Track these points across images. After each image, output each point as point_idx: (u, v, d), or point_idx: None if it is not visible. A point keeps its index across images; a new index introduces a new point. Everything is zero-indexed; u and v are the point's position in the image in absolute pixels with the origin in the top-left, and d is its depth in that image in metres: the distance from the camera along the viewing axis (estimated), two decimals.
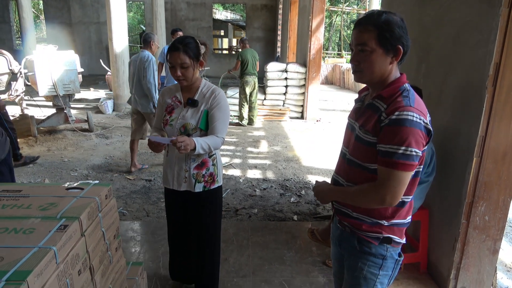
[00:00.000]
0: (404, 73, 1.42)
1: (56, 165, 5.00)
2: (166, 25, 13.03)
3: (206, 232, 2.26)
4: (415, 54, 2.92)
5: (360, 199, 1.40)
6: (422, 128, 1.27)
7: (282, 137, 6.72)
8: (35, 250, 1.08)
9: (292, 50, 11.06)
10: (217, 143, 2.06)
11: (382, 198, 1.31)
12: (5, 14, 15.71)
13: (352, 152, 1.47)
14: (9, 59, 7.03)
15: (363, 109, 1.47)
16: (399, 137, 1.26)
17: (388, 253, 1.46)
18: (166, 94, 2.17)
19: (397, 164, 1.27)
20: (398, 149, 1.27)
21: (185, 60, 1.98)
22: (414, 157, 1.27)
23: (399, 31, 1.32)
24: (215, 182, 2.20)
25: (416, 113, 1.27)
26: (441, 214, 2.56)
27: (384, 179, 1.31)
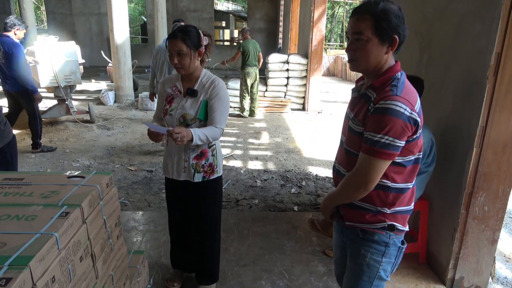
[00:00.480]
0: (398, 61, 1.42)
1: (58, 156, 5.02)
2: (168, 16, 12.95)
3: (206, 222, 2.28)
4: (417, 45, 2.91)
5: (344, 191, 1.43)
6: (406, 119, 1.27)
7: (283, 128, 6.73)
8: (37, 236, 1.10)
9: (294, 41, 10.99)
10: (216, 134, 2.04)
11: (358, 183, 1.36)
12: (5, 5, 15.64)
13: (347, 142, 1.49)
14: None
15: (357, 99, 1.48)
16: (379, 125, 1.27)
17: (391, 240, 1.47)
18: (167, 84, 2.17)
19: (373, 151, 1.30)
20: (374, 136, 1.29)
21: (182, 48, 1.97)
22: (391, 147, 1.28)
23: (396, 20, 1.31)
24: (215, 172, 2.20)
25: (401, 102, 1.27)
26: (440, 204, 2.57)
27: (360, 164, 1.35)
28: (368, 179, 1.33)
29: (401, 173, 1.40)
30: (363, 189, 1.36)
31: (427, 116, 2.66)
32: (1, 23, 14.30)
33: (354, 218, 1.51)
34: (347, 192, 1.43)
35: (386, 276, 1.53)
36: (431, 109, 2.68)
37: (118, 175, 4.37)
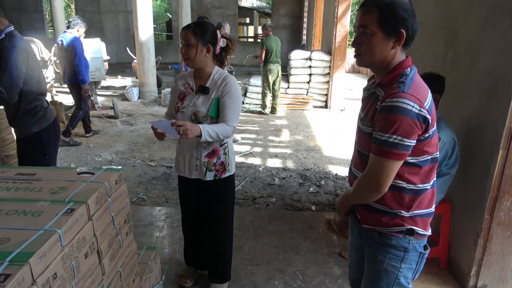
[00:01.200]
0: (409, 56, 1.35)
1: (82, 150, 5.15)
2: (192, 13, 13.05)
3: (217, 220, 2.26)
4: (443, 40, 2.78)
5: (357, 193, 1.39)
6: (414, 116, 1.21)
7: (304, 126, 6.65)
8: (40, 232, 1.10)
9: (318, 37, 10.84)
10: (227, 131, 1.99)
11: (369, 185, 1.31)
12: (38, 4, 16.19)
13: (359, 143, 1.45)
14: (40, 47, 7.27)
15: (368, 98, 1.43)
16: (387, 124, 1.22)
17: (410, 246, 1.40)
18: (179, 81, 2.16)
19: (382, 152, 1.24)
20: (382, 136, 1.23)
21: (190, 38, 1.96)
22: (400, 146, 1.22)
23: (403, 13, 1.25)
24: (226, 171, 2.17)
25: (410, 99, 1.21)
26: (463, 208, 2.46)
27: (370, 165, 1.30)
28: (379, 181, 1.28)
29: (416, 174, 1.34)
30: (375, 191, 1.31)
31: (450, 115, 2.55)
32: (34, 21, 14.78)
33: (371, 220, 1.45)
34: (360, 194, 1.39)
35: (407, 283, 1.45)
36: (454, 107, 2.56)
37: (138, 170, 4.44)
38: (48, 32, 16.43)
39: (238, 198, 3.74)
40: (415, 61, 1.40)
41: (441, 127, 2.31)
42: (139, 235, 3.01)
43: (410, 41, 1.31)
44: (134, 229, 3.08)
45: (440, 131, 2.28)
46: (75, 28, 5.38)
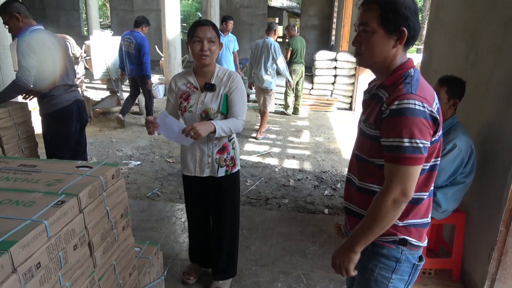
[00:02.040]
0: (411, 58, 1.30)
1: (105, 144, 5.29)
2: (221, 12, 13.18)
3: (227, 216, 2.28)
4: (464, 42, 2.66)
5: (378, 216, 1.22)
6: (427, 116, 1.16)
7: (326, 128, 6.55)
8: (27, 222, 1.13)
9: (346, 38, 10.64)
10: (238, 125, 2.05)
11: (396, 199, 1.19)
12: (75, 2, 16.83)
13: (358, 147, 1.40)
14: (72, 44, 7.54)
15: (369, 100, 1.37)
16: (401, 129, 1.15)
17: (403, 256, 1.34)
18: (179, 81, 2.13)
19: (403, 159, 1.17)
20: (401, 142, 1.16)
21: (213, 34, 1.98)
22: (420, 149, 1.16)
23: (405, 11, 1.20)
24: (236, 165, 2.23)
25: (419, 100, 1.16)
26: (478, 219, 2.33)
27: (391, 176, 1.20)
28: (405, 190, 1.19)
29: None
30: (404, 202, 1.21)
31: (468, 120, 2.44)
32: (71, 19, 15.32)
33: None
34: (386, 214, 1.21)
35: None
36: (473, 112, 2.44)
37: (156, 166, 4.52)
38: (84, 30, 17.03)
39: (250, 198, 3.73)
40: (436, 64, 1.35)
41: (458, 133, 2.21)
42: (150, 230, 3.06)
43: (412, 41, 1.26)
44: (145, 223, 3.16)
45: (456, 138, 2.18)
46: (140, 27, 5.86)
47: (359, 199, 1.40)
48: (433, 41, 3.20)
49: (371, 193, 1.34)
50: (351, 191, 1.44)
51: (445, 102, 2.23)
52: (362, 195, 1.39)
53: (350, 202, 1.45)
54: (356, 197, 1.41)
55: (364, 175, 1.37)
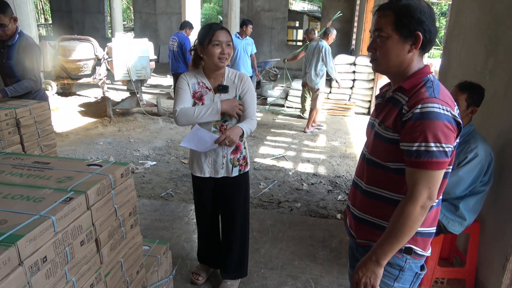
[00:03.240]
0: (428, 64, 1.29)
1: (123, 144, 5.40)
2: (242, 15, 13.26)
3: (238, 215, 2.32)
4: (483, 47, 2.60)
5: (407, 225, 1.18)
6: (451, 120, 1.16)
7: (343, 132, 6.49)
8: (35, 217, 1.17)
9: (366, 42, 10.53)
10: (254, 125, 2.15)
11: (423, 204, 1.17)
12: (100, 5, 17.30)
13: (371, 151, 1.36)
14: (95, 45, 7.76)
15: (383, 104, 1.36)
16: (426, 133, 1.14)
17: (406, 265, 1.33)
18: (191, 79, 2.12)
19: (428, 163, 1.16)
20: (427, 147, 1.15)
21: (230, 38, 2.04)
22: (446, 153, 1.16)
23: (420, 16, 1.20)
24: (248, 164, 2.29)
25: (442, 104, 1.16)
26: (493, 229, 2.27)
27: (417, 182, 1.18)
28: (431, 194, 1.18)
29: None
30: (429, 205, 1.19)
31: (485, 127, 2.38)
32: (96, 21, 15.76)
33: (367, 235, 1.39)
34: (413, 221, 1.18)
35: None
36: (491, 119, 2.38)
37: (171, 167, 4.58)
38: (108, 32, 17.46)
39: (263, 201, 3.74)
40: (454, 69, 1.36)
41: (478, 141, 2.15)
42: (161, 229, 3.10)
43: (428, 46, 1.26)
44: (157, 223, 3.20)
45: (478, 146, 2.12)
46: (184, 30, 6.97)
47: (364, 203, 1.39)
48: (452, 47, 3.14)
49: (378, 198, 1.33)
50: (357, 195, 1.43)
51: (463, 109, 2.17)
52: (367, 200, 1.37)
53: (354, 207, 1.44)
54: (361, 201, 1.40)
55: (373, 179, 1.35)
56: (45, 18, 24.23)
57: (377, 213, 1.35)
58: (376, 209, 1.36)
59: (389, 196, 1.31)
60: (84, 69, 7.72)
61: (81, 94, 8.83)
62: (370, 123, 1.44)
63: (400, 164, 1.25)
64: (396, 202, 1.27)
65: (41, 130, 2.93)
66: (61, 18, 17.26)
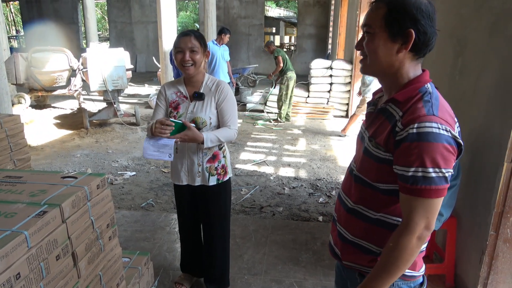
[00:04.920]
0: (427, 69, 1.16)
1: (101, 156, 5.30)
2: (219, 23, 13.27)
3: (218, 224, 2.29)
4: (452, 48, 2.69)
5: (403, 258, 1.06)
6: (451, 141, 1.02)
7: (322, 135, 6.56)
8: (7, 233, 1.14)
9: (342, 47, 10.73)
10: (230, 134, 2.09)
11: (420, 235, 1.05)
12: (74, 15, 17.03)
13: (360, 168, 1.22)
14: (69, 56, 7.61)
15: (375, 115, 1.22)
16: (423, 157, 1.01)
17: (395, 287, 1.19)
18: (168, 89, 2.15)
19: (426, 191, 1.02)
20: (425, 172, 1.01)
21: (195, 44, 1.99)
22: (445, 179, 1.03)
23: (415, 13, 1.05)
24: (227, 173, 2.24)
25: (441, 123, 1.02)
26: (469, 223, 2.33)
27: (413, 211, 1.04)
28: (429, 224, 1.05)
29: None
30: (427, 236, 1.07)
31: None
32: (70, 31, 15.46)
33: (353, 258, 1.26)
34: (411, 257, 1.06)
35: None
36: (461, 118, 2.43)
37: (151, 176, 4.52)
38: (82, 43, 17.17)
39: (245, 207, 3.73)
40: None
41: None
42: (143, 240, 3.05)
43: (423, 49, 1.10)
44: (138, 234, 3.15)
45: None
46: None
47: (349, 223, 1.26)
48: None
49: (363, 218, 1.21)
50: (341, 212, 1.29)
51: None
52: (352, 218, 1.24)
53: (340, 224, 1.30)
54: (346, 220, 1.27)
55: (361, 199, 1.21)
56: (17, 29, 23.64)
57: (364, 235, 1.22)
58: (362, 230, 1.22)
59: (375, 217, 1.18)
60: (58, 81, 7.56)
61: (56, 106, 8.64)
62: (360, 133, 1.30)
63: (391, 185, 1.13)
64: (386, 224, 1.17)
65: (13, 144, 2.85)
66: (33, 29, 16.88)
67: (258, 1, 15.98)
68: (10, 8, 22.87)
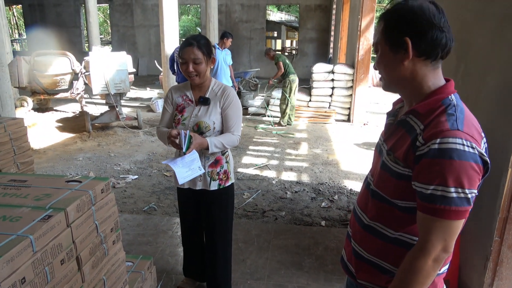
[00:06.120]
0: (452, 79, 1.12)
1: (103, 159, 5.31)
2: (221, 27, 13.35)
3: (219, 229, 2.28)
4: (454, 53, 2.69)
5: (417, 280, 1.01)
6: (477, 160, 0.95)
7: (324, 139, 6.56)
8: (12, 237, 1.14)
9: (343, 51, 10.76)
10: (233, 140, 2.09)
11: (436, 257, 0.99)
12: (76, 19, 17.11)
13: (377, 182, 1.16)
14: (72, 60, 7.64)
15: (394, 126, 1.17)
16: (446, 175, 0.94)
17: None
18: (175, 93, 2.19)
19: (447, 212, 0.96)
20: (446, 192, 0.95)
21: (198, 55, 1.99)
22: (468, 200, 0.97)
23: (411, 18, 1.02)
24: (229, 179, 2.23)
25: (467, 139, 0.95)
26: (473, 229, 2.32)
27: (430, 231, 0.99)
28: (447, 247, 0.99)
29: None
30: (444, 258, 1.01)
31: None
32: (73, 35, 15.55)
33: (368, 277, 1.20)
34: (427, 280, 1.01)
35: None
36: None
37: (153, 180, 4.52)
38: (85, 46, 17.24)
39: (247, 211, 3.72)
40: None
41: None
42: (145, 244, 3.04)
43: (431, 51, 1.04)
44: (140, 238, 3.15)
45: None
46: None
47: (364, 239, 1.21)
48: None
49: (380, 236, 1.16)
50: (356, 228, 1.24)
51: None
52: (368, 235, 1.19)
53: (355, 241, 1.25)
54: (361, 237, 1.21)
55: (378, 215, 1.16)
56: (19, 33, 23.76)
57: (381, 253, 1.16)
58: (379, 248, 1.16)
59: (393, 236, 1.13)
60: (61, 84, 7.58)
61: (59, 109, 8.66)
62: (379, 145, 1.25)
63: (410, 203, 1.07)
64: (405, 244, 1.11)
65: (17, 147, 2.86)
66: (36, 33, 16.95)
67: (260, 5, 16.05)
68: (13, 11, 23.00)
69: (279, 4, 19.22)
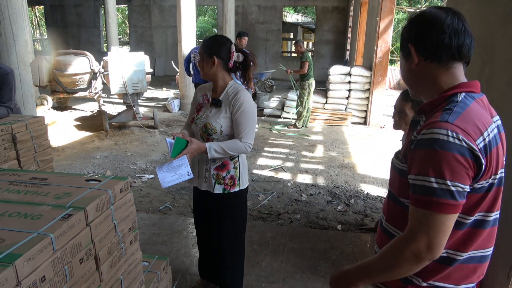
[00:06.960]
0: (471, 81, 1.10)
1: (120, 158, 5.37)
2: (237, 27, 13.40)
3: (224, 234, 2.23)
4: (479, 56, 2.62)
5: (392, 262, 1.01)
6: (465, 152, 0.92)
7: (340, 142, 6.49)
8: (34, 235, 1.14)
9: (360, 53, 10.65)
10: (239, 148, 2.02)
11: (418, 252, 0.96)
12: (95, 20, 17.41)
13: (389, 182, 1.22)
14: (91, 59, 7.77)
15: (409, 128, 1.19)
16: (427, 164, 0.94)
17: None
18: (199, 92, 2.22)
19: (429, 203, 0.94)
20: (426, 181, 0.94)
21: (200, 51, 2.08)
22: (452, 193, 0.93)
23: (417, 26, 1.07)
24: (236, 185, 2.15)
25: (453, 130, 0.93)
26: (497, 238, 2.25)
27: (416, 223, 0.97)
28: (432, 244, 0.95)
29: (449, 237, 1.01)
30: (426, 258, 0.96)
31: None
32: (92, 36, 15.85)
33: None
34: (400, 267, 1.00)
35: None
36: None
37: None
38: (103, 46, 17.52)
39: (262, 213, 3.70)
40: None
41: None
42: (160, 244, 3.06)
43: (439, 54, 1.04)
44: (156, 237, 3.16)
45: None
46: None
47: (381, 241, 1.21)
48: None
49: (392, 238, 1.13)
50: (379, 230, 1.26)
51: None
52: (384, 237, 1.19)
53: (377, 241, 1.27)
54: (380, 239, 1.23)
55: (390, 216, 1.18)
56: (41, 33, 24.32)
57: None
58: None
59: None
60: (80, 83, 7.72)
61: (77, 108, 8.81)
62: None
63: None
64: None
65: (37, 145, 2.90)
66: (56, 33, 17.32)
67: (276, 6, 16.04)
68: (35, 12, 23.56)
69: (295, 5, 19.16)
